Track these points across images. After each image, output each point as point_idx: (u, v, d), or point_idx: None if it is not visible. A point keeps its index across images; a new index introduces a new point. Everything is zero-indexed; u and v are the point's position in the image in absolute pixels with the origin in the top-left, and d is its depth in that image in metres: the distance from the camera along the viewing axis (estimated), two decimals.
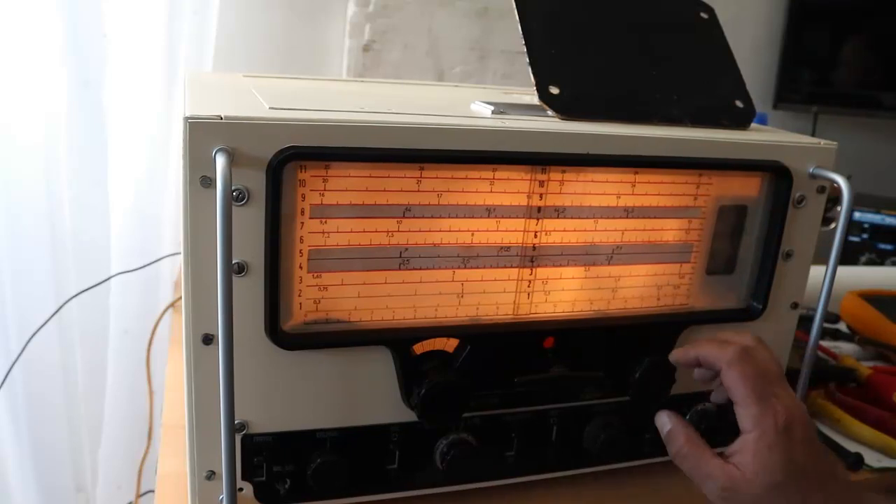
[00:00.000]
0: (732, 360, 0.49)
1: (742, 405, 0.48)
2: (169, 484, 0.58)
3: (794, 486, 0.46)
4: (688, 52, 0.62)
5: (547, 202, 0.53)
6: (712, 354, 0.50)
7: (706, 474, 0.48)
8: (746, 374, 0.48)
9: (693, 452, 0.50)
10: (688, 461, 0.50)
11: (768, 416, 0.47)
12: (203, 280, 0.45)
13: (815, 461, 0.47)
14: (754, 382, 0.48)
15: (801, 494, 0.46)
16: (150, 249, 1.09)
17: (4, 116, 1.04)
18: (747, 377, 0.48)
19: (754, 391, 0.48)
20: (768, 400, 0.47)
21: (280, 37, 1.22)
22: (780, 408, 0.47)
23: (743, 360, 0.49)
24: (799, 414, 0.48)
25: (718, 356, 0.50)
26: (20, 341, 1.05)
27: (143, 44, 1.04)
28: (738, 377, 0.48)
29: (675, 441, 0.51)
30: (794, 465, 0.46)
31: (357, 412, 0.52)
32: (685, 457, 0.50)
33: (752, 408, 0.47)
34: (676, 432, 0.51)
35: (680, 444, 0.50)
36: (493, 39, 1.29)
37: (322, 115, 0.46)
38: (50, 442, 1.20)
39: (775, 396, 0.48)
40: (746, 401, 0.48)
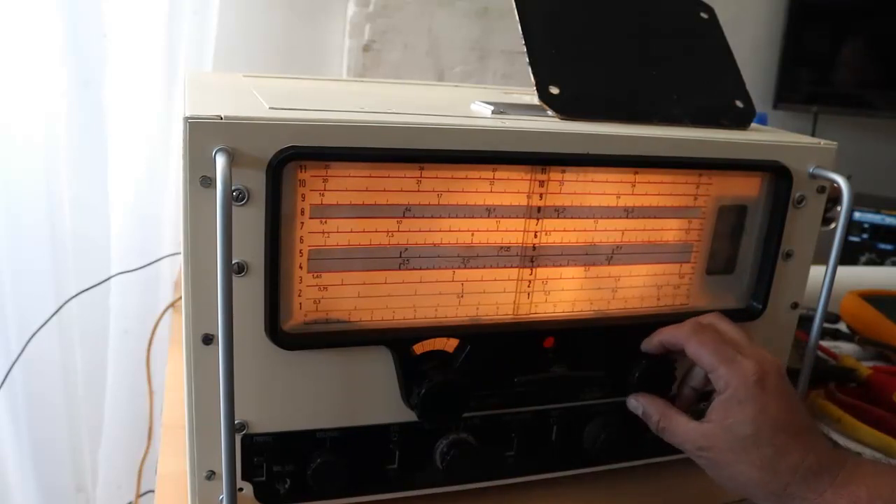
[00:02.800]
0: (689, 333, 0.51)
1: (711, 370, 0.50)
2: (169, 484, 0.58)
3: (766, 439, 0.47)
4: (688, 53, 0.62)
5: (547, 202, 0.53)
6: (672, 335, 0.53)
7: (682, 439, 0.51)
8: (705, 341, 0.50)
9: (668, 424, 0.52)
10: (666, 433, 0.52)
11: (737, 373, 0.48)
12: (203, 280, 0.45)
13: (789, 414, 0.48)
14: (716, 347, 0.50)
15: (773, 447, 0.47)
16: (150, 249, 1.09)
17: (4, 116, 1.04)
18: (707, 343, 0.50)
19: (717, 354, 0.49)
20: (734, 359, 0.49)
21: (280, 37, 1.22)
22: (747, 364, 0.48)
23: (699, 330, 0.51)
24: (771, 367, 0.49)
25: (676, 334, 0.53)
26: (20, 341, 1.05)
27: (143, 44, 1.04)
28: (699, 345, 0.50)
29: (652, 419, 0.53)
30: (766, 417, 0.47)
31: (357, 412, 0.52)
32: (663, 430, 0.52)
33: (720, 369, 0.49)
34: (649, 411, 0.54)
35: (656, 421, 0.53)
36: (493, 39, 1.29)
37: (322, 115, 0.46)
38: (50, 442, 1.20)
39: (741, 354, 0.49)
40: (713, 365, 0.49)
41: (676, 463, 0.64)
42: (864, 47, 1.59)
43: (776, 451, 0.47)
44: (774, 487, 0.47)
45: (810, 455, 0.47)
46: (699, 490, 0.63)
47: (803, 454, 0.47)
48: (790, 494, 0.47)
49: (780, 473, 0.47)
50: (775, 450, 0.47)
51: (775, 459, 0.47)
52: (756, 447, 0.47)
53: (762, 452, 0.47)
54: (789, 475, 0.47)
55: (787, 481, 0.47)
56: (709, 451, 0.49)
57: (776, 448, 0.47)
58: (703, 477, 0.64)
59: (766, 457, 0.47)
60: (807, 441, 0.48)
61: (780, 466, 0.47)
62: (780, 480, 0.47)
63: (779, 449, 0.47)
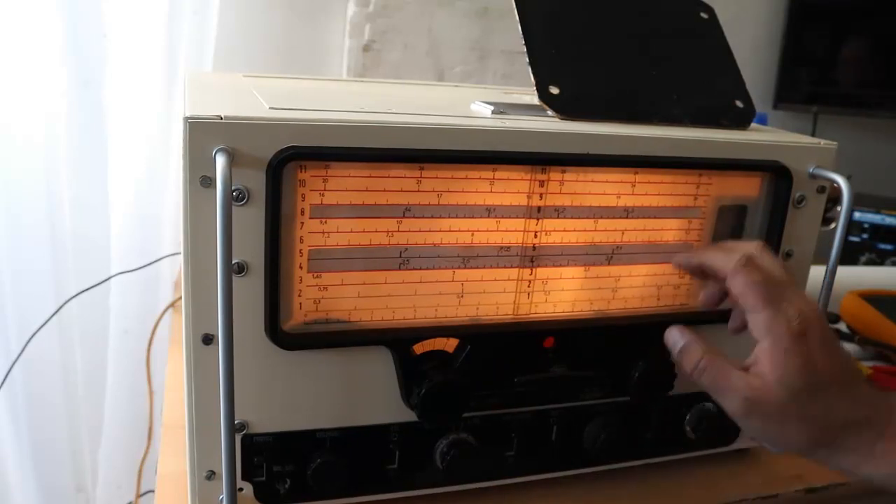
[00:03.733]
0: (737, 267, 0.47)
1: (752, 312, 0.46)
2: (169, 484, 0.58)
3: (816, 393, 0.44)
4: (688, 52, 0.62)
5: (547, 202, 0.53)
6: (718, 261, 0.49)
7: (727, 387, 0.46)
8: (753, 279, 0.46)
9: (713, 364, 0.47)
10: (707, 374, 0.47)
11: (780, 321, 0.45)
12: (203, 280, 0.45)
13: (835, 365, 0.45)
14: (762, 288, 0.46)
15: (824, 401, 0.44)
16: (150, 249, 1.09)
17: (4, 116, 1.04)
18: (755, 283, 0.46)
19: (763, 296, 0.46)
20: (779, 304, 0.46)
21: (280, 37, 1.22)
22: (792, 312, 0.45)
23: (749, 266, 0.47)
24: (813, 317, 0.46)
25: (724, 263, 0.48)
26: (20, 341, 1.05)
27: (143, 44, 1.04)
28: (745, 283, 0.47)
29: (692, 355, 0.48)
30: (814, 370, 0.44)
31: (357, 412, 0.52)
32: (704, 370, 0.47)
33: (763, 313, 0.46)
34: (692, 346, 0.48)
35: (697, 358, 0.48)
36: (493, 39, 1.29)
37: (322, 115, 0.46)
38: (50, 442, 1.20)
39: (786, 301, 0.46)
40: (756, 307, 0.46)
41: (676, 463, 0.64)
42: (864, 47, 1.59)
43: (826, 404, 0.45)
44: (825, 441, 0.45)
45: (860, 407, 0.45)
46: (699, 490, 0.63)
47: (852, 406, 0.45)
48: (839, 446, 0.45)
49: (831, 428, 0.45)
50: (825, 404, 0.44)
51: (825, 413, 0.45)
52: (808, 402, 0.44)
53: (812, 407, 0.44)
54: (839, 429, 0.45)
55: (836, 434, 0.45)
56: (756, 404, 0.45)
57: (826, 402, 0.45)
58: (703, 477, 0.64)
59: (816, 411, 0.44)
60: (856, 393, 0.46)
61: (830, 420, 0.45)
62: (830, 434, 0.45)
63: (828, 402, 0.45)
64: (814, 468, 0.67)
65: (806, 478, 0.66)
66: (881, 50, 1.58)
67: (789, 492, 0.64)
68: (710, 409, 0.62)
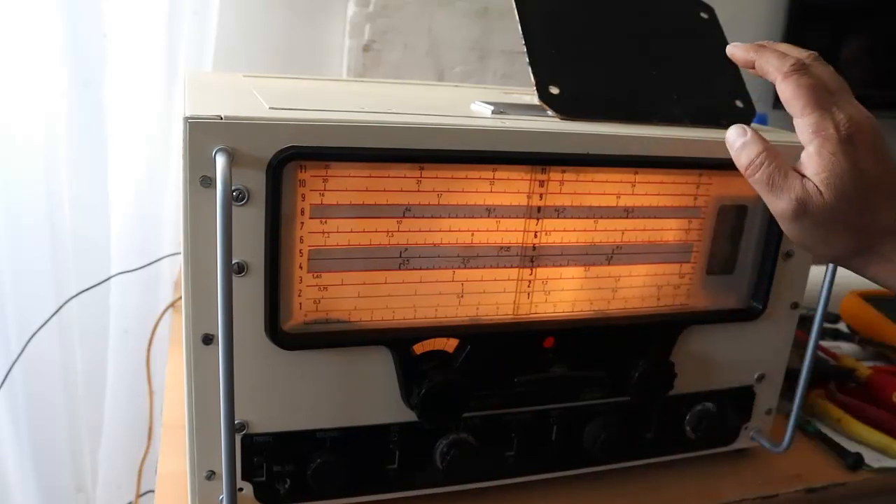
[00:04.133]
0: (788, 71, 0.47)
1: (800, 115, 0.46)
2: (169, 484, 0.58)
3: (862, 197, 0.44)
4: (688, 52, 0.62)
5: (547, 202, 0.53)
6: (771, 62, 0.48)
7: (782, 185, 0.45)
8: (802, 83, 0.46)
9: (772, 160, 0.46)
10: (764, 170, 0.46)
11: (827, 123, 0.45)
12: (203, 280, 0.45)
13: (883, 172, 0.45)
14: (811, 91, 0.46)
15: (869, 206, 0.44)
16: (150, 249, 1.09)
17: (4, 116, 1.04)
18: (803, 87, 0.46)
19: (811, 100, 0.46)
20: (828, 108, 0.45)
21: (280, 37, 1.22)
22: (840, 116, 0.45)
23: (799, 70, 0.47)
24: (864, 122, 0.46)
25: (777, 65, 0.48)
26: (20, 341, 1.05)
27: (143, 44, 1.04)
28: (794, 87, 0.46)
29: (752, 148, 0.47)
30: (862, 175, 0.44)
31: (357, 412, 0.52)
32: (761, 165, 0.46)
33: (810, 116, 0.45)
34: (753, 141, 0.47)
35: (757, 152, 0.47)
36: (493, 39, 1.29)
37: (322, 115, 0.46)
38: (50, 442, 1.20)
39: (836, 105, 0.46)
40: (804, 110, 0.46)
41: (676, 463, 0.64)
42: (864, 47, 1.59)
43: (871, 209, 0.45)
44: (864, 247, 0.45)
45: None
46: (699, 490, 0.63)
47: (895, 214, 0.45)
48: (876, 252, 0.45)
49: (872, 233, 0.45)
50: (870, 208, 0.45)
51: (869, 218, 0.45)
52: (851, 205, 0.44)
53: (857, 211, 0.44)
54: (880, 234, 0.45)
55: (876, 241, 0.45)
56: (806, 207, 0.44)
57: (871, 206, 0.45)
58: (703, 477, 0.64)
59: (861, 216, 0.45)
60: None
61: (873, 226, 0.45)
62: (870, 240, 0.45)
63: (873, 207, 0.45)
64: (814, 468, 0.67)
65: (806, 478, 0.66)
66: (881, 50, 1.58)
67: (789, 492, 0.64)
68: (709, 410, 0.62)
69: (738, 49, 0.51)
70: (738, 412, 0.64)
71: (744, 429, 0.65)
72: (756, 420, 0.65)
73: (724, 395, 0.63)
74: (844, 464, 0.68)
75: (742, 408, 0.64)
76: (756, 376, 0.64)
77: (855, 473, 0.67)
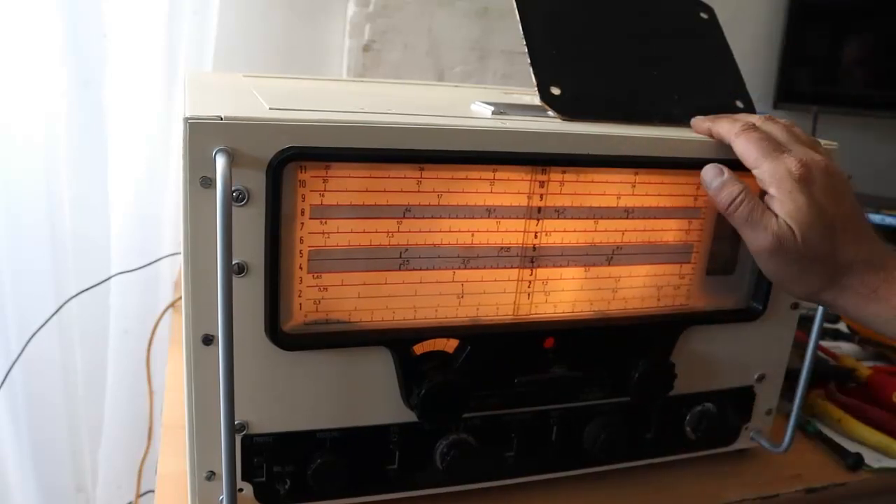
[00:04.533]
0: (738, 131, 0.50)
1: (755, 166, 0.49)
2: (169, 484, 0.58)
3: (824, 232, 0.47)
4: (688, 53, 0.62)
5: (547, 202, 0.53)
6: (723, 127, 0.52)
7: (760, 221, 0.48)
8: (751, 138, 0.50)
9: (751, 198, 0.49)
10: (744, 207, 0.49)
11: (781, 168, 0.48)
12: (203, 280, 0.45)
13: (841, 207, 0.48)
14: (760, 143, 0.49)
15: (832, 241, 0.47)
16: (150, 249, 1.09)
17: (4, 116, 1.04)
18: (752, 141, 0.49)
19: (762, 151, 0.49)
20: (779, 156, 0.48)
21: (280, 37, 1.22)
22: (791, 160, 0.48)
23: (749, 129, 0.50)
24: (816, 164, 0.48)
25: (726, 130, 0.51)
26: (20, 341, 1.05)
27: (143, 44, 1.04)
28: (745, 142, 0.50)
29: (731, 189, 0.50)
30: (822, 211, 0.47)
31: (357, 412, 0.52)
32: (741, 203, 0.49)
33: (764, 164, 0.48)
34: (730, 182, 0.50)
35: (736, 192, 0.49)
36: (493, 39, 1.28)
37: (322, 115, 0.46)
38: (50, 442, 1.20)
39: (786, 153, 0.49)
40: (758, 161, 0.49)
41: (676, 463, 0.64)
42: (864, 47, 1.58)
43: (833, 244, 0.47)
44: (833, 281, 0.48)
45: (865, 249, 0.47)
46: (699, 490, 0.63)
47: (858, 248, 0.47)
48: (844, 286, 0.48)
49: (839, 267, 0.47)
50: (832, 243, 0.47)
51: (833, 252, 0.47)
52: (816, 241, 0.47)
53: (822, 246, 0.47)
54: (846, 268, 0.47)
55: (843, 274, 0.47)
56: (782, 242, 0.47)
57: (833, 241, 0.47)
58: (703, 477, 0.64)
59: (826, 250, 0.47)
60: (862, 235, 0.48)
61: (839, 259, 0.47)
62: (837, 273, 0.47)
63: (835, 242, 0.47)
64: (814, 468, 0.67)
65: (806, 478, 0.66)
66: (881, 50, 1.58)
67: (789, 492, 0.64)
68: (709, 410, 0.62)
69: (696, 122, 0.55)
70: (738, 412, 0.64)
71: (744, 429, 0.65)
72: (756, 420, 0.65)
73: (724, 396, 0.63)
74: (844, 464, 0.68)
75: (742, 408, 0.64)
76: (756, 376, 0.64)
77: (855, 473, 0.67)
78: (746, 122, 0.52)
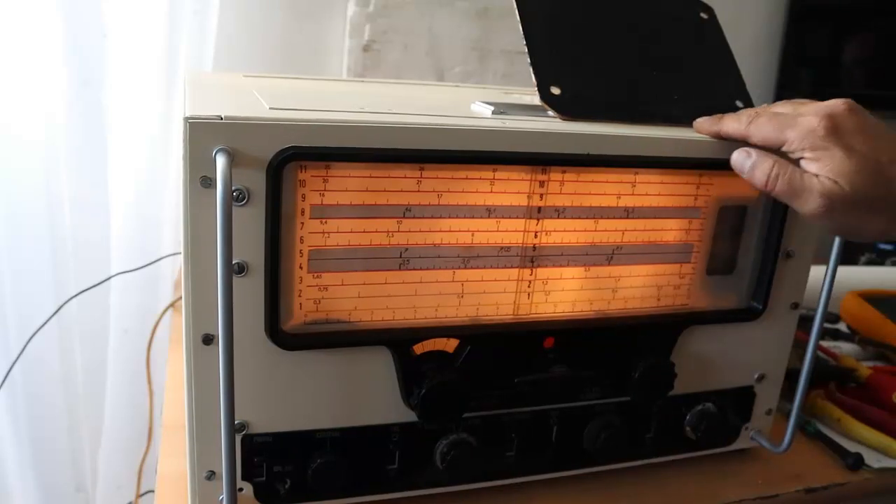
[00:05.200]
0: (748, 122, 0.51)
1: (781, 142, 0.49)
2: (169, 484, 0.58)
3: (873, 175, 0.46)
4: (688, 53, 0.62)
5: (547, 202, 0.53)
6: (730, 126, 0.52)
7: (803, 188, 0.47)
8: (763, 122, 0.50)
9: (786, 168, 0.48)
10: (782, 179, 0.48)
11: (803, 129, 0.47)
12: (203, 280, 0.45)
13: (880, 144, 0.47)
14: (776, 120, 0.49)
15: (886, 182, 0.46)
16: (150, 249, 1.09)
17: (5, 116, 1.04)
18: (766, 122, 0.49)
19: (780, 125, 0.49)
20: (798, 120, 0.48)
21: (280, 37, 1.22)
22: (811, 118, 0.48)
23: (755, 115, 0.51)
24: (839, 110, 0.48)
25: (737, 125, 0.51)
26: (20, 341, 1.05)
27: (143, 44, 1.04)
28: (760, 127, 0.50)
29: (765, 165, 0.49)
30: (861, 157, 0.46)
31: (357, 412, 0.52)
32: (777, 176, 0.49)
33: (788, 134, 0.48)
34: (762, 158, 0.50)
35: (770, 166, 0.49)
36: (493, 39, 1.28)
37: (322, 115, 0.46)
38: (50, 442, 1.20)
39: (801, 115, 0.48)
40: (780, 135, 0.49)
41: (676, 463, 0.64)
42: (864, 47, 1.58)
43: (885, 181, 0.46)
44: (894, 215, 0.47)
45: None
46: (699, 490, 0.63)
47: None
48: None
49: None
50: (883, 180, 0.46)
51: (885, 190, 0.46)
52: (866, 186, 0.46)
53: (875, 189, 0.46)
54: None
55: None
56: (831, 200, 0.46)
57: (883, 179, 0.46)
58: (703, 477, 0.64)
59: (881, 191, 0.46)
60: None
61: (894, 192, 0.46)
62: None
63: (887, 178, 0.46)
64: (814, 468, 0.67)
65: (806, 478, 0.66)
66: (881, 50, 1.58)
67: (789, 492, 0.64)
68: (709, 410, 0.62)
69: (700, 125, 0.55)
70: (738, 412, 0.64)
71: (744, 429, 0.65)
72: (756, 420, 0.65)
73: (724, 396, 0.63)
74: (844, 464, 0.68)
75: (742, 408, 0.64)
76: (756, 376, 0.64)
77: (855, 473, 0.67)
78: (749, 112, 0.52)
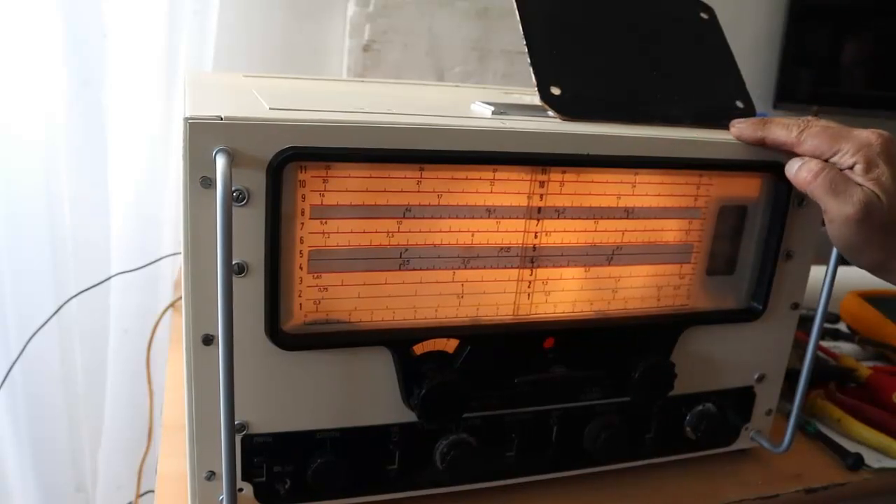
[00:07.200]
0: (798, 132, 0.52)
1: (835, 152, 0.50)
2: (169, 484, 0.58)
3: None
4: (688, 53, 0.62)
5: (547, 203, 0.53)
6: (779, 136, 0.53)
7: (845, 190, 0.49)
8: (815, 132, 0.51)
9: (831, 167, 0.50)
10: (825, 176, 0.50)
11: (862, 140, 0.49)
12: (203, 280, 0.45)
13: None
14: (829, 131, 0.51)
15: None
16: (150, 249, 1.09)
17: (5, 116, 1.04)
18: (819, 132, 0.51)
19: (835, 135, 0.51)
20: (854, 132, 0.50)
21: (280, 37, 1.22)
22: (868, 133, 0.50)
23: (806, 126, 0.52)
24: (889, 137, 0.50)
25: (785, 138, 0.53)
26: (20, 341, 1.05)
27: (143, 44, 1.04)
28: (814, 137, 0.51)
29: (813, 162, 0.51)
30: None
31: (357, 412, 0.52)
32: (820, 171, 0.50)
33: (843, 144, 0.50)
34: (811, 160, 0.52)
35: (820, 164, 0.51)
36: (493, 39, 1.28)
37: (322, 115, 0.46)
38: (50, 442, 1.20)
39: (854, 131, 0.51)
40: (834, 145, 0.50)
41: (676, 463, 0.64)
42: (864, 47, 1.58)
43: None
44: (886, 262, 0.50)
45: None
46: (699, 490, 0.63)
47: None
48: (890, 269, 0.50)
49: None
50: None
51: None
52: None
53: None
54: None
55: None
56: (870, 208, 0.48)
57: None
58: (703, 477, 0.64)
59: None
60: None
61: None
62: None
63: None
64: (814, 468, 0.67)
65: (806, 478, 0.66)
66: (881, 50, 1.58)
67: (789, 492, 0.64)
68: (710, 410, 0.62)
69: (741, 130, 0.55)
70: (738, 412, 0.64)
71: (744, 429, 0.65)
72: (756, 420, 0.65)
73: (724, 396, 0.63)
74: (844, 464, 0.68)
75: (742, 408, 0.64)
76: (756, 376, 0.64)
77: (855, 473, 0.67)
78: (798, 122, 0.53)
